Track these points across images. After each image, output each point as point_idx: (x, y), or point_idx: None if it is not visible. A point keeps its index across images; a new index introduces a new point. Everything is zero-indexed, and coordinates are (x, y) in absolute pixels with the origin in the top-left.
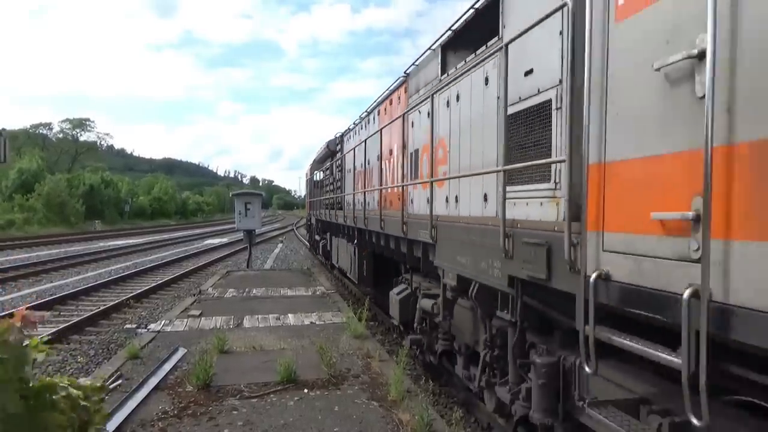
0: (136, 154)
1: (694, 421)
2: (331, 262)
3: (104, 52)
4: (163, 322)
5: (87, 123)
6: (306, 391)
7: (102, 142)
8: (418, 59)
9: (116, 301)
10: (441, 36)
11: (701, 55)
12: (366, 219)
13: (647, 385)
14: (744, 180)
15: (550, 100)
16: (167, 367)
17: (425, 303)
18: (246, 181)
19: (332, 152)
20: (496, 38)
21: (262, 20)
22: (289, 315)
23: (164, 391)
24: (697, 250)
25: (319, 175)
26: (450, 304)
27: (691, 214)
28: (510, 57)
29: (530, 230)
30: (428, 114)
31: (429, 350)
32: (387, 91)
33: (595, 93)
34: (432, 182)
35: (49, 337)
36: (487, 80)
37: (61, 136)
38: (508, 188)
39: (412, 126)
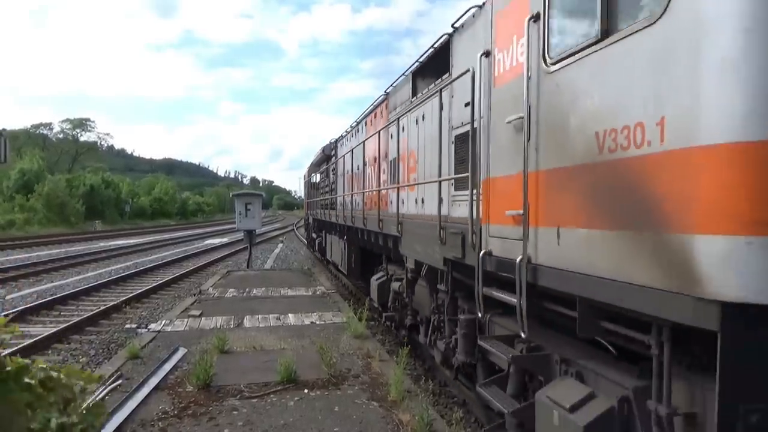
0: (136, 154)
1: (522, 334)
2: (326, 257)
3: (104, 52)
4: (163, 322)
5: (87, 123)
6: (306, 391)
7: (102, 143)
8: (395, 82)
9: (116, 301)
10: (411, 65)
11: (526, 118)
12: (353, 218)
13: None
14: (539, 192)
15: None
16: (167, 367)
17: (395, 285)
18: (246, 181)
19: (327, 156)
20: (447, 74)
21: (262, 20)
22: (290, 315)
23: (164, 391)
24: (525, 232)
25: (315, 178)
26: (411, 284)
27: (521, 211)
28: (457, 89)
29: (453, 224)
30: (403, 129)
31: (401, 325)
32: (372, 106)
33: (483, 132)
34: (398, 188)
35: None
36: (441, 106)
37: (61, 136)
38: (452, 192)
39: (391, 138)
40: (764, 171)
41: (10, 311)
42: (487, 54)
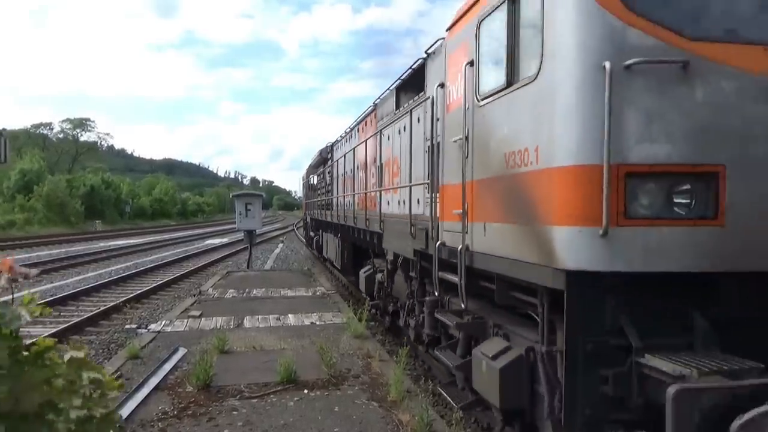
0: (136, 154)
1: (462, 305)
2: (323, 254)
3: (105, 52)
4: (163, 323)
5: (87, 123)
6: (306, 391)
7: (102, 143)
8: (381, 95)
9: (116, 302)
10: (395, 81)
11: (464, 139)
12: (346, 217)
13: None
14: (474, 196)
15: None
16: (167, 367)
17: (378, 276)
18: (246, 181)
19: (324, 159)
20: (422, 92)
21: (263, 20)
22: (290, 315)
23: (164, 392)
24: (464, 226)
25: (313, 179)
26: (391, 274)
27: (461, 211)
28: (429, 107)
29: (420, 221)
30: (388, 138)
31: (385, 311)
32: (363, 115)
33: (440, 148)
34: (381, 191)
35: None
36: (418, 119)
37: (61, 136)
38: (426, 195)
39: (379, 145)
40: (588, 185)
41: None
42: (442, 85)
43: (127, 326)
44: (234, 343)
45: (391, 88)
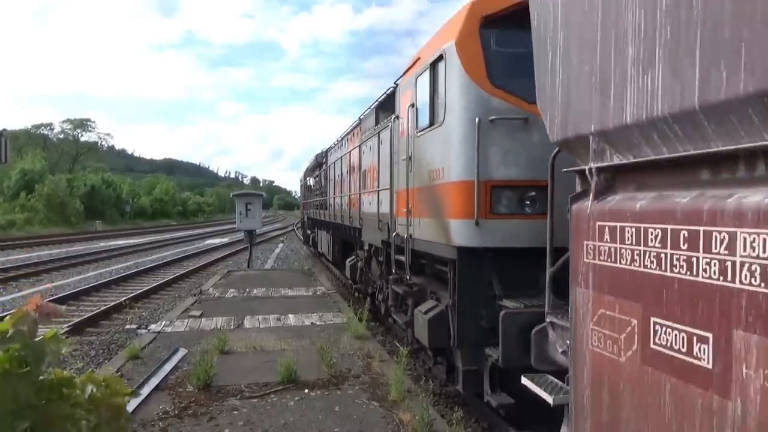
0: (136, 154)
1: (407, 278)
2: (318, 250)
3: (106, 52)
4: (163, 323)
5: (88, 123)
6: (306, 391)
7: (103, 143)
8: (364, 113)
9: (117, 302)
10: (374, 102)
11: (408, 158)
12: (335, 215)
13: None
14: (414, 199)
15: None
16: (168, 367)
17: (360, 264)
18: (246, 181)
19: (319, 163)
20: (394, 115)
21: (263, 20)
22: (290, 315)
23: (165, 391)
24: (409, 221)
25: (310, 181)
26: (368, 261)
27: (406, 209)
28: (407, 119)
29: (385, 218)
30: (370, 148)
31: (365, 293)
32: (350, 127)
33: (396, 163)
34: (361, 193)
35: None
36: (381, 141)
37: (62, 136)
38: (388, 197)
39: (362, 154)
40: (468, 193)
41: (10, 311)
42: (397, 117)
43: (128, 326)
44: (234, 343)
45: (371, 107)
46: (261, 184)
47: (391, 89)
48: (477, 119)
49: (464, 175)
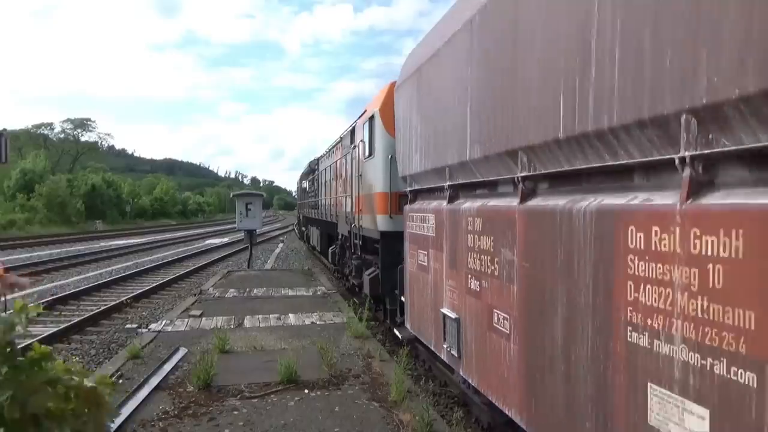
0: (137, 154)
1: (358, 254)
2: (310, 244)
3: (106, 52)
4: (164, 322)
5: (88, 123)
6: (307, 391)
7: (103, 143)
8: (343, 133)
9: (117, 301)
10: (351, 125)
11: (359, 175)
12: (323, 214)
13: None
14: (361, 202)
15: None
16: (168, 367)
17: (337, 250)
18: (247, 181)
19: (312, 169)
20: (354, 144)
21: (264, 20)
22: (290, 315)
23: (165, 391)
24: (359, 217)
25: (305, 184)
26: (342, 248)
27: (357, 208)
28: (360, 149)
29: (349, 214)
30: (347, 162)
31: (342, 274)
32: (335, 142)
33: (354, 177)
34: (337, 197)
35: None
36: (349, 161)
37: (62, 136)
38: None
39: (342, 166)
40: (386, 199)
41: (10, 311)
42: (354, 146)
43: (128, 326)
44: (235, 342)
45: (348, 129)
46: (261, 184)
47: (353, 124)
48: (389, 156)
49: (384, 188)
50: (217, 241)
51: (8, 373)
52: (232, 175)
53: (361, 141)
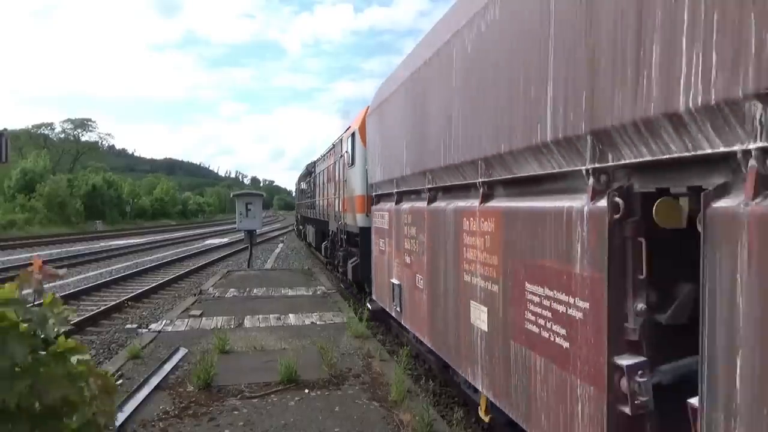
0: (137, 154)
1: (344, 246)
2: (307, 240)
3: (107, 52)
4: (164, 322)
5: (88, 123)
6: (307, 391)
7: (103, 142)
8: (335, 141)
9: (117, 301)
10: (340, 136)
11: (345, 181)
12: (319, 213)
13: (352, 249)
14: (345, 203)
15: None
16: (168, 367)
17: (328, 245)
18: (247, 181)
19: (309, 172)
20: (345, 151)
21: (264, 20)
22: (290, 315)
23: (165, 391)
24: (344, 215)
25: (303, 186)
26: (333, 242)
27: (342, 208)
28: (345, 159)
29: (338, 213)
30: (338, 166)
31: (333, 265)
32: (329, 148)
33: (341, 181)
34: (328, 197)
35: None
36: (338, 166)
37: (62, 136)
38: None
39: (335, 170)
40: (363, 200)
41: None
42: (340, 157)
43: (128, 326)
44: (235, 342)
45: (339, 138)
46: (261, 184)
47: (341, 137)
48: (366, 166)
49: (362, 192)
50: (217, 241)
51: (30, 364)
52: (233, 175)
53: (346, 152)
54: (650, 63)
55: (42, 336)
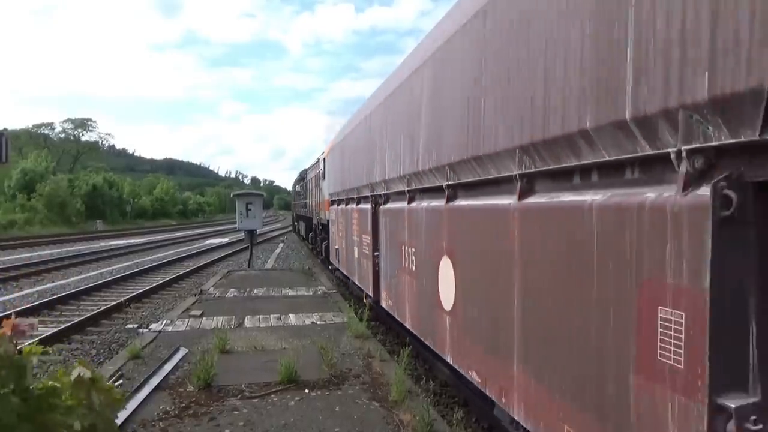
0: (137, 154)
1: (321, 234)
2: (299, 233)
3: (107, 52)
4: (164, 322)
5: (89, 123)
6: (307, 391)
7: (103, 142)
8: (321, 155)
9: (117, 301)
10: (322, 154)
11: (321, 188)
12: (308, 211)
13: (323, 234)
14: (320, 204)
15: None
16: (168, 366)
17: (312, 235)
18: (247, 181)
19: (302, 177)
20: (320, 169)
21: (265, 20)
22: (290, 315)
23: (165, 391)
24: (320, 212)
25: (297, 188)
26: (317, 232)
27: (320, 207)
28: (320, 173)
29: (318, 211)
30: (319, 178)
31: (318, 251)
32: (314, 161)
33: (320, 188)
34: (314, 200)
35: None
36: (316, 180)
37: (62, 136)
38: (319, 201)
39: (317, 179)
40: (328, 202)
41: (11, 311)
42: (318, 171)
43: (128, 326)
44: (235, 342)
45: (319, 157)
46: (261, 184)
47: (319, 158)
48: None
49: (328, 197)
50: (217, 241)
51: (22, 412)
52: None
53: (321, 169)
54: None
55: (25, 383)
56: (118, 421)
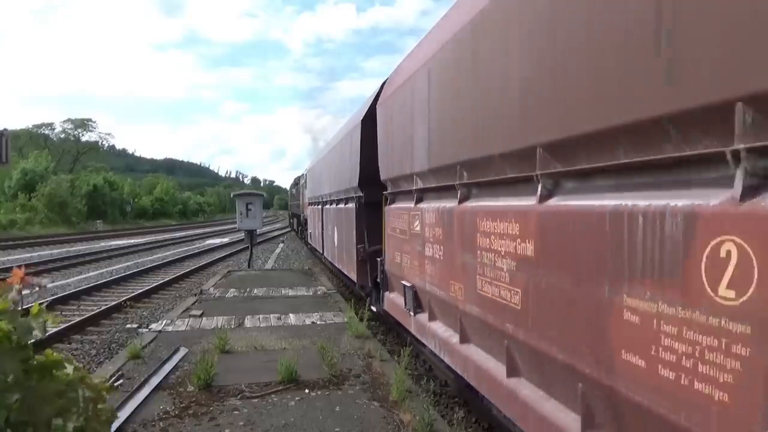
0: (137, 154)
1: (305, 225)
2: (293, 227)
3: (108, 51)
4: (164, 322)
5: (89, 123)
6: (307, 391)
7: (103, 142)
8: (309, 166)
9: (117, 301)
10: (309, 166)
11: (303, 194)
12: (300, 210)
13: (306, 225)
14: (304, 204)
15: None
16: (168, 366)
17: (302, 226)
18: (247, 181)
19: (297, 182)
20: (305, 180)
21: (266, 19)
22: (291, 315)
23: (165, 391)
24: (304, 209)
25: (293, 191)
26: (302, 224)
27: (303, 206)
28: (305, 183)
29: (304, 209)
30: (304, 187)
31: (304, 239)
32: (305, 171)
33: (305, 194)
34: (303, 201)
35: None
36: (300, 187)
37: (63, 136)
38: (305, 201)
39: (304, 188)
40: (307, 203)
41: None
42: (305, 181)
43: (128, 326)
44: (235, 342)
45: (306, 169)
46: (261, 184)
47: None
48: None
49: (307, 201)
50: (217, 241)
51: (20, 377)
52: (233, 175)
53: (306, 180)
54: None
55: (28, 348)
56: (118, 422)
